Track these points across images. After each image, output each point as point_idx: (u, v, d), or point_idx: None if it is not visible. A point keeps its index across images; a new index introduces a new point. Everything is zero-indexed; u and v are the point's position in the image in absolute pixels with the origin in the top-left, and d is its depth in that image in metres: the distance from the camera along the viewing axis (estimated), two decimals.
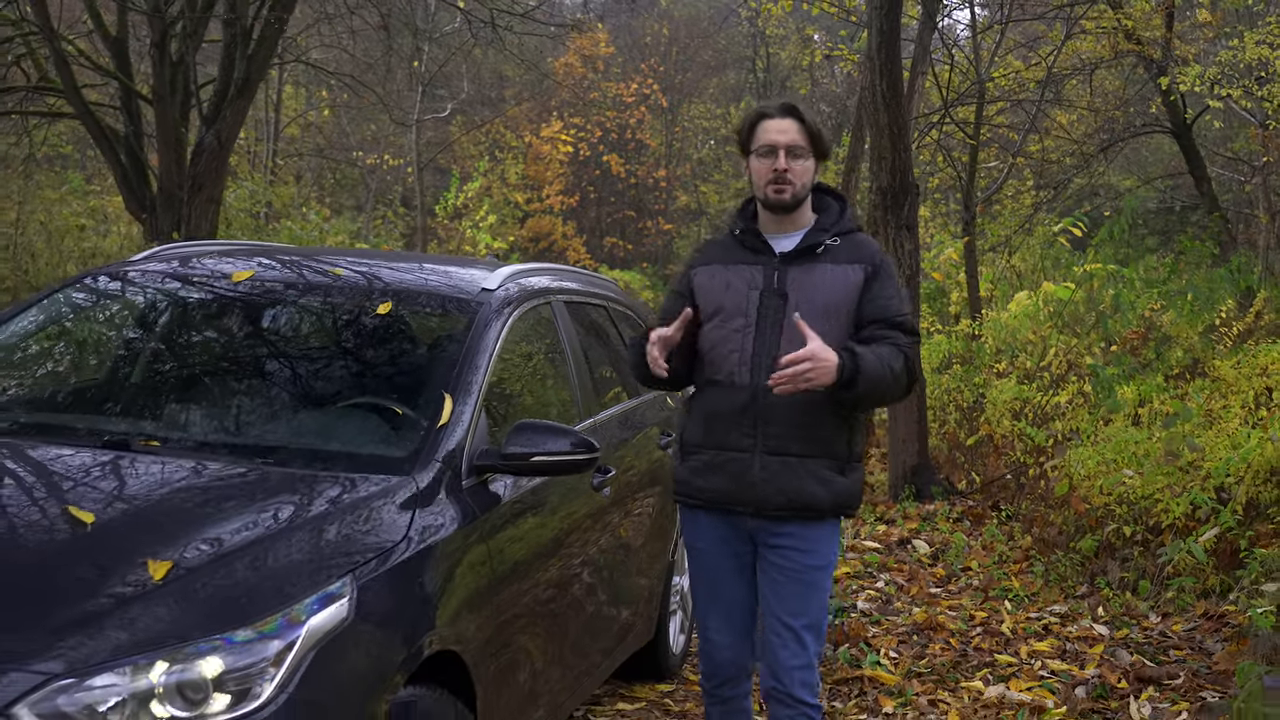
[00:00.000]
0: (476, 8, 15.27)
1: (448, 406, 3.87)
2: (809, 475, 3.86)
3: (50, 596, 2.86)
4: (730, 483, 3.91)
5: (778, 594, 3.94)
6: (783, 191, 3.90)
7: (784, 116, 3.93)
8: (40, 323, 4.51)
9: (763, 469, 3.87)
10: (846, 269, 3.90)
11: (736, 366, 3.89)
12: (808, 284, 3.88)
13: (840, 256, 3.92)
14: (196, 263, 4.67)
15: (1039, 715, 5.51)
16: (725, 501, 3.94)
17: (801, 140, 3.91)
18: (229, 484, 3.44)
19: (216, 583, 2.98)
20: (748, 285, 3.93)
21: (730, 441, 3.90)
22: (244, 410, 4.03)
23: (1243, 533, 6.77)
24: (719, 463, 3.93)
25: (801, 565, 3.91)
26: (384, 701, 3.11)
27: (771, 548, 3.93)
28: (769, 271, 3.92)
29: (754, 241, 3.99)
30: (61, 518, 3.14)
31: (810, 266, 3.90)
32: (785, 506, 3.88)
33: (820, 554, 3.95)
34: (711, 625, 4.09)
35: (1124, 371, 9.68)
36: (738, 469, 3.89)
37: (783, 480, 3.85)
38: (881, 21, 9.53)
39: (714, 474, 3.94)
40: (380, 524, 3.39)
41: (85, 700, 2.72)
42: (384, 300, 4.37)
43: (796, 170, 3.90)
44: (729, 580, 4.03)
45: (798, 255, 3.92)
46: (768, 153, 3.91)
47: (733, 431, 3.90)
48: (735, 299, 3.92)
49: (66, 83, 13.94)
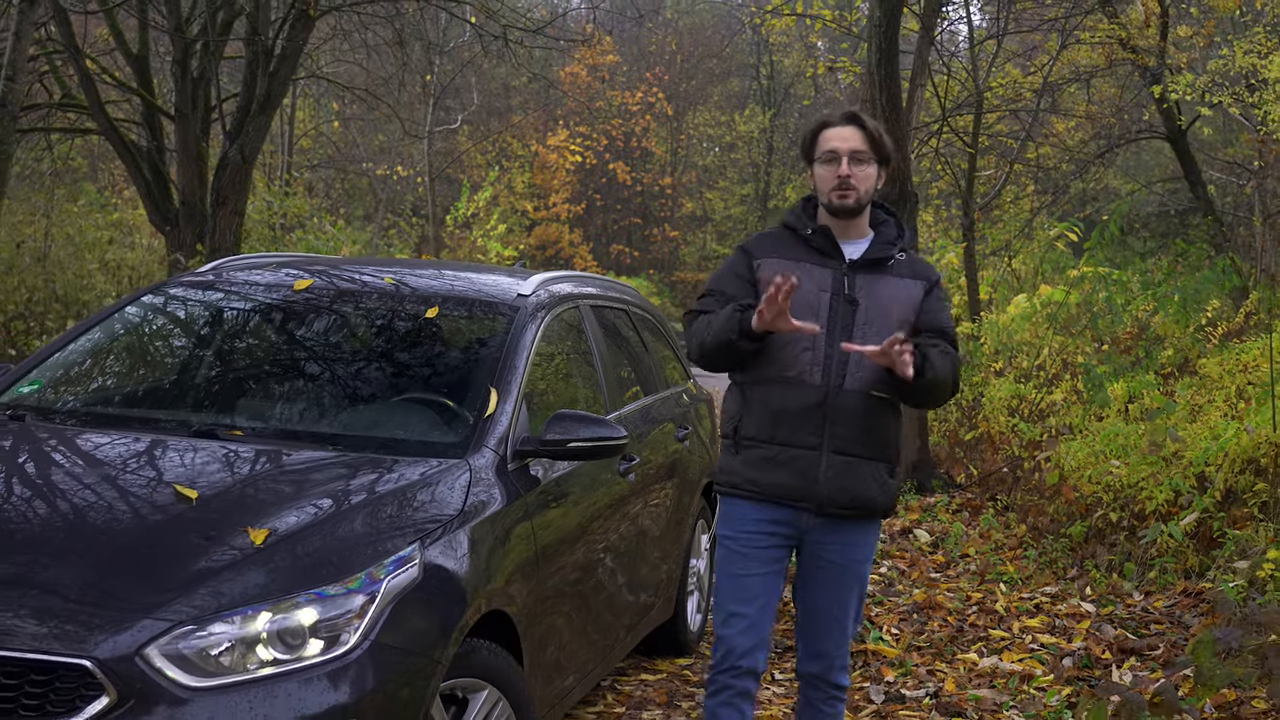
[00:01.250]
0: (488, 23, 15.73)
1: (493, 399, 4.36)
2: (870, 477, 4.03)
3: (170, 559, 3.35)
4: (796, 479, 4.01)
5: (826, 587, 4.12)
6: (846, 196, 4.02)
7: (846, 124, 4.06)
8: (124, 328, 5.02)
9: (828, 467, 4.00)
10: (910, 283, 4.08)
11: (809, 365, 3.99)
12: (876, 293, 4.03)
13: (904, 271, 4.09)
14: (259, 273, 5.17)
15: (1028, 682, 6.01)
16: (786, 497, 4.04)
17: (864, 146, 4.03)
18: (308, 466, 3.94)
19: (308, 547, 3.48)
20: (818, 287, 4.03)
21: (798, 439, 4.00)
22: (311, 403, 4.54)
23: (1219, 516, 7.25)
24: (784, 459, 4.02)
25: (851, 560, 4.11)
26: (450, 649, 3.60)
27: (826, 544, 4.09)
28: (839, 276, 4.04)
29: (824, 244, 4.09)
30: (171, 495, 3.64)
31: (879, 276, 4.05)
32: (847, 506, 4.03)
33: (869, 551, 4.17)
34: (732, 611, 4.13)
35: (1114, 369, 10.16)
36: (804, 465, 4.00)
37: (846, 480, 4.00)
38: (880, 39, 10.03)
39: (777, 469, 4.03)
40: (440, 500, 3.88)
41: (201, 645, 3.21)
42: (432, 305, 4.87)
43: (859, 175, 4.02)
44: (758, 574, 4.10)
45: (866, 264, 4.06)
46: (831, 159, 4.03)
47: (801, 429, 4.00)
48: (807, 299, 4.00)
49: (92, 99, 14.45)
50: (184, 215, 14.74)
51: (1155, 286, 13.30)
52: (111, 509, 3.60)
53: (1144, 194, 22.13)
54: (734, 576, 4.13)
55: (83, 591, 3.21)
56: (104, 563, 3.32)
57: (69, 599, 3.19)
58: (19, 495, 3.71)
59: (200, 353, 4.93)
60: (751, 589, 4.10)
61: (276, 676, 3.23)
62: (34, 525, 3.50)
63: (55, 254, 16.43)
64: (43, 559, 3.30)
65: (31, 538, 3.41)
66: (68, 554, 3.33)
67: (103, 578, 3.26)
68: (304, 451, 4.06)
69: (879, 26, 10.05)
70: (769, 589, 4.11)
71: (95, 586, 3.23)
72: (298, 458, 4.00)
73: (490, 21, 15.49)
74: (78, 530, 3.46)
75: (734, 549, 4.13)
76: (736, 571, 4.12)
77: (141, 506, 3.61)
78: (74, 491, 3.73)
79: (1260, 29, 15.25)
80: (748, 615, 4.10)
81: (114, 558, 3.34)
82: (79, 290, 16.30)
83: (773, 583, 4.12)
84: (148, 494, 3.69)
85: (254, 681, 3.21)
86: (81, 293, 16.26)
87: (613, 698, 5.78)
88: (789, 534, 4.10)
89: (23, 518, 3.55)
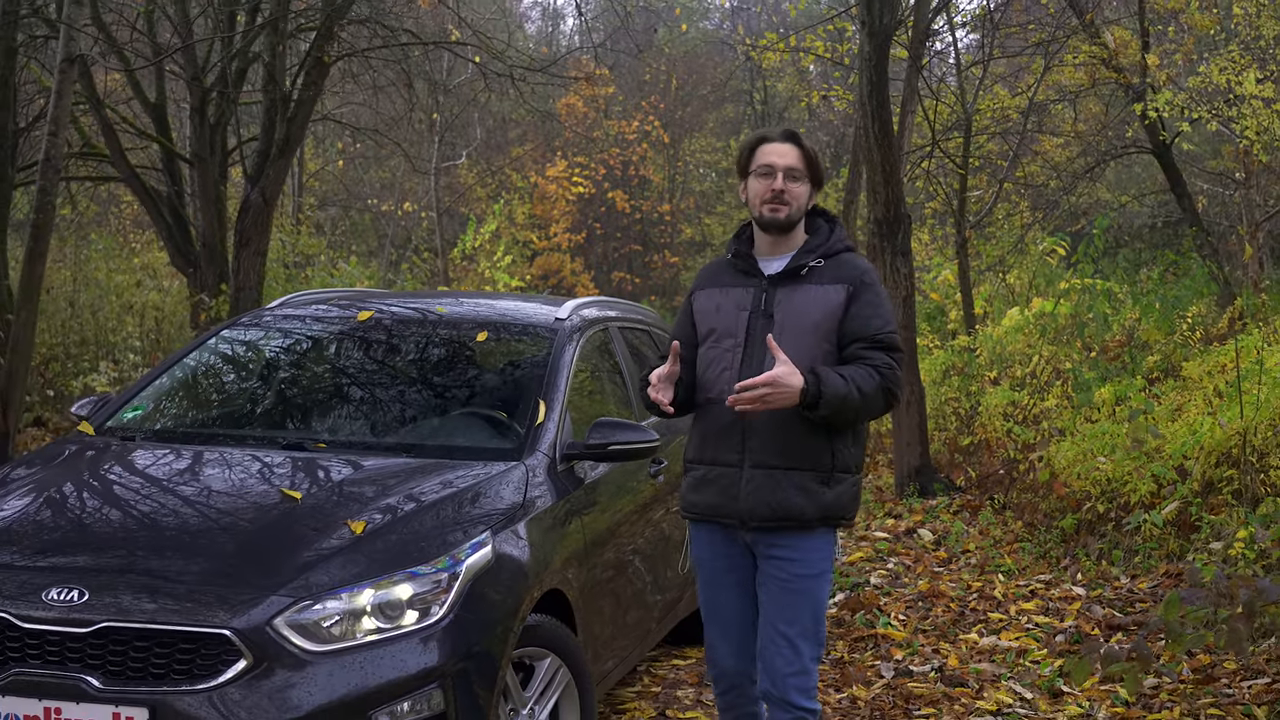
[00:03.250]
0: (491, 61, 16.36)
1: (542, 409, 5.01)
2: (792, 487, 4.00)
3: (288, 547, 3.99)
4: (719, 496, 4.10)
5: (773, 602, 4.09)
6: (778, 211, 4.08)
7: (784, 141, 4.13)
8: (208, 358, 5.66)
9: (748, 482, 4.03)
10: (829, 289, 4.05)
11: (727, 384, 4.02)
12: (792, 305, 4.06)
13: (824, 277, 4.07)
14: (323, 307, 5.83)
15: (1024, 657, 6.62)
16: (716, 515, 4.12)
17: (799, 165, 4.09)
18: (391, 470, 4.58)
19: (400, 535, 4.11)
20: (737, 307, 4.12)
21: (721, 457, 4.09)
22: (382, 417, 5.18)
23: (1197, 504, 7.87)
24: (711, 477, 4.12)
25: (792, 574, 4.06)
26: (518, 621, 4.22)
27: (767, 558, 4.09)
28: (758, 293, 4.11)
29: (745, 264, 4.17)
30: (278, 496, 4.28)
31: (795, 287, 4.07)
32: (770, 518, 4.02)
33: (811, 563, 4.07)
34: (713, 636, 4.26)
35: (1101, 375, 10.79)
36: (726, 483, 4.08)
37: (766, 492, 4.01)
38: (870, 72, 10.69)
39: (707, 488, 4.13)
40: (503, 496, 4.52)
41: (316, 617, 3.84)
42: (481, 330, 5.52)
43: (793, 191, 4.07)
44: (727, 593, 4.19)
45: (784, 277, 4.10)
46: (766, 173, 4.09)
47: (722, 447, 4.08)
48: (726, 320, 4.12)
49: (114, 149, 15.10)
50: (205, 257, 15.39)
51: (1143, 296, 13.96)
52: (233, 509, 4.25)
53: (1136, 206, 22.78)
54: (708, 602, 4.27)
55: (220, 576, 3.86)
56: (234, 553, 3.97)
57: (209, 583, 3.84)
58: (152, 503, 4.37)
59: (279, 376, 5.58)
60: (726, 611, 4.21)
61: (380, 642, 3.87)
62: (170, 526, 4.16)
63: (83, 298, 17.04)
64: (183, 551, 3.96)
65: (170, 536, 4.07)
66: (203, 547, 3.99)
67: (235, 565, 3.91)
68: (382, 458, 4.70)
69: (869, 60, 10.71)
70: (739, 605, 4.19)
71: (230, 572, 3.89)
72: (378, 463, 4.65)
73: (494, 60, 16.14)
74: (208, 527, 4.12)
75: (703, 576, 4.27)
76: (709, 597, 4.26)
77: (257, 506, 4.25)
78: (197, 497, 4.38)
79: (1234, 47, 15.91)
80: (730, 638, 4.21)
81: (242, 548, 3.99)
82: (108, 332, 16.94)
83: (744, 600, 4.18)
84: (259, 496, 4.34)
85: (362, 646, 3.85)
86: (110, 334, 16.90)
87: (649, 679, 6.40)
88: (739, 551, 4.16)
89: (160, 521, 4.21)
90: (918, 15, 12.88)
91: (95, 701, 3.69)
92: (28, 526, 4.18)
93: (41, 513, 4.28)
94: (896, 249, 11.02)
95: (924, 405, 11.43)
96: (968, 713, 5.85)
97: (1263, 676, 5.93)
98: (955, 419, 12.68)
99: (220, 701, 3.68)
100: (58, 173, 12.12)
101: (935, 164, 16.52)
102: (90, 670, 3.73)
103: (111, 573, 3.88)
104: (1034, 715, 5.79)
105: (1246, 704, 5.65)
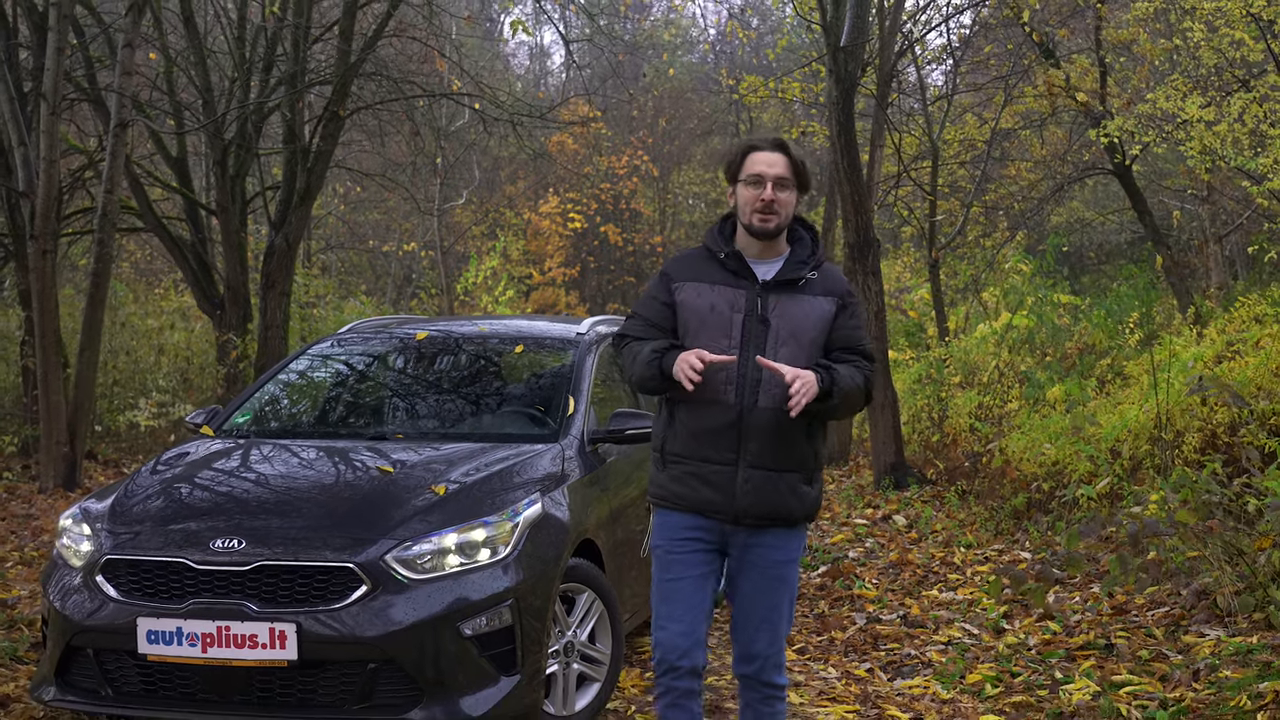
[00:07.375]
0: (490, 108, 17.58)
1: (572, 403, 6.31)
2: (787, 489, 4.23)
3: (390, 504, 5.29)
4: (715, 493, 4.23)
5: (755, 589, 4.30)
6: (769, 220, 4.19)
7: (773, 150, 4.21)
8: (299, 372, 6.98)
9: (746, 481, 4.21)
10: (821, 300, 4.23)
11: (723, 385, 4.17)
12: (790, 314, 4.21)
13: (816, 289, 4.24)
14: (385, 331, 7.14)
15: (975, 606, 7.91)
16: (707, 509, 4.26)
17: (787, 173, 4.18)
18: (458, 451, 5.89)
19: (473, 495, 5.41)
20: (731, 308, 4.21)
21: (716, 455, 4.22)
22: (445, 414, 6.49)
23: (1127, 479, 9.17)
24: (703, 474, 4.24)
25: (774, 563, 4.30)
26: (563, 562, 5.51)
27: (748, 548, 4.29)
28: (752, 296, 4.21)
29: (737, 265, 4.25)
30: (376, 471, 5.58)
31: (792, 297, 4.22)
32: (764, 516, 4.24)
33: (790, 551, 4.34)
34: (664, 617, 4.31)
35: (1051, 376, 12.13)
36: (722, 480, 4.22)
37: (763, 493, 4.21)
38: (838, 114, 12.06)
39: (699, 484, 4.25)
40: (546, 468, 5.81)
41: (415, 554, 5.11)
42: (518, 343, 6.84)
43: (782, 200, 4.18)
44: (688, 578, 4.29)
45: (779, 285, 4.24)
46: (756, 182, 4.18)
47: (719, 446, 4.22)
48: (719, 321, 4.21)
49: (141, 201, 16.35)
50: (229, 299, 16.62)
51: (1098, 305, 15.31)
52: (343, 481, 5.55)
53: (1113, 223, 24.15)
54: (665, 583, 4.33)
55: (342, 526, 5.16)
56: (350, 511, 5.27)
57: (335, 531, 5.14)
58: (280, 479, 5.67)
59: (358, 386, 6.90)
60: (682, 593, 4.29)
61: (462, 572, 5.16)
62: (298, 492, 5.46)
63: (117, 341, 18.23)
64: (311, 510, 5.27)
65: (299, 500, 5.38)
66: (326, 506, 5.29)
67: (352, 518, 5.22)
68: (449, 444, 6.01)
69: (836, 104, 12.08)
70: (699, 592, 4.29)
71: (349, 524, 5.18)
72: (447, 447, 5.96)
73: (491, 106, 17.37)
74: (326, 494, 5.43)
75: (664, 558, 4.34)
76: (667, 578, 4.33)
77: (361, 478, 5.57)
78: (313, 474, 5.70)
79: (1178, 75, 17.26)
80: (681, 618, 4.27)
81: (355, 507, 5.29)
82: (143, 372, 18.18)
83: (702, 586, 4.30)
84: (361, 471, 5.64)
85: (449, 576, 5.14)
86: (146, 373, 18.15)
87: None
88: (713, 540, 4.31)
89: (289, 490, 5.51)
90: (882, 60, 14.26)
91: (255, 620, 4.97)
92: (191, 499, 5.49)
93: (196, 490, 5.59)
94: (868, 269, 12.37)
95: (898, 409, 12.74)
96: (925, 645, 7.14)
97: (1163, 606, 7.23)
98: (928, 421, 14.01)
99: (348, 617, 4.97)
100: (114, 225, 13.45)
101: (909, 190, 17.88)
102: (250, 598, 5.01)
103: (261, 527, 5.17)
104: (978, 645, 7.08)
105: (1149, 626, 6.96)
